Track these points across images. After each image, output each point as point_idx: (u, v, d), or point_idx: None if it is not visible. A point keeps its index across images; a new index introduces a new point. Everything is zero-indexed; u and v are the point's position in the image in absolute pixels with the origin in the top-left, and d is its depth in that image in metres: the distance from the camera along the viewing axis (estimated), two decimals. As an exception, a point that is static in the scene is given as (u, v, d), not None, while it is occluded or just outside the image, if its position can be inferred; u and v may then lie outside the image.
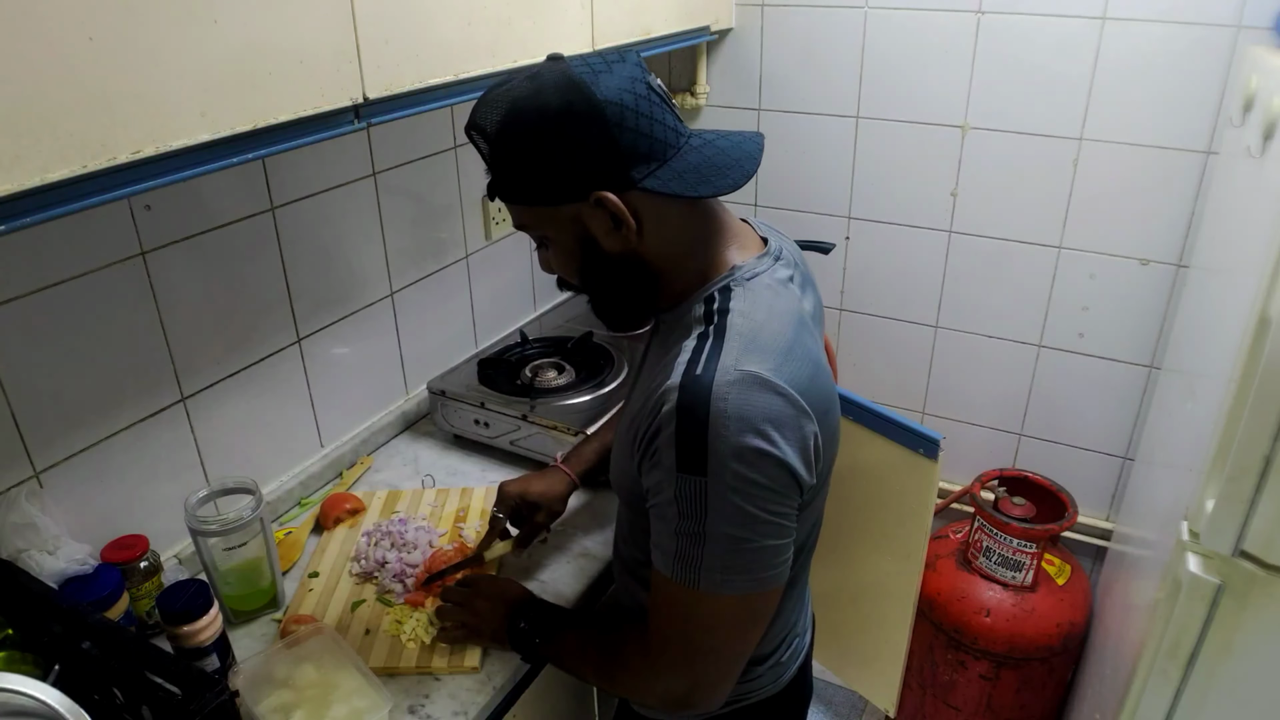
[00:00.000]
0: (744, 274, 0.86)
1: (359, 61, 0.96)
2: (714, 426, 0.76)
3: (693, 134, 0.86)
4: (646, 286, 0.90)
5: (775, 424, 0.77)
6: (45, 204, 0.71)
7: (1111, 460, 1.91)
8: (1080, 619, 1.80)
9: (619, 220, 0.83)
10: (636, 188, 0.81)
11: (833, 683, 2.24)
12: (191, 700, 0.81)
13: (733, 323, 0.82)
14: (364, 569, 1.26)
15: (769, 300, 0.85)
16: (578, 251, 0.87)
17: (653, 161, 0.81)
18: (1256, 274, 0.99)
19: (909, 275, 1.97)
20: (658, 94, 0.83)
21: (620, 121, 0.79)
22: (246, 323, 1.32)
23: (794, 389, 0.79)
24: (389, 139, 1.49)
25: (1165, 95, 1.60)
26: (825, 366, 0.87)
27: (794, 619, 1.05)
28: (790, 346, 0.82)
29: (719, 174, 0.83)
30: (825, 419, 0.84)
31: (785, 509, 0.81)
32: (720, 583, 0.81)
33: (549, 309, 2.00)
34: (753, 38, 1.93)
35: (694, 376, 0.78)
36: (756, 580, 0.82)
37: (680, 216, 0.86)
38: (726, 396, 0.76)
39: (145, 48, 0.74)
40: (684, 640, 0.86)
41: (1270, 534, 1.00)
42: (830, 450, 0.89)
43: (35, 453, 1.08)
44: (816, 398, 0.82)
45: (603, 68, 0.81)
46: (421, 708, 1.06)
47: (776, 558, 0.82)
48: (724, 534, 0.79)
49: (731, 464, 0.76)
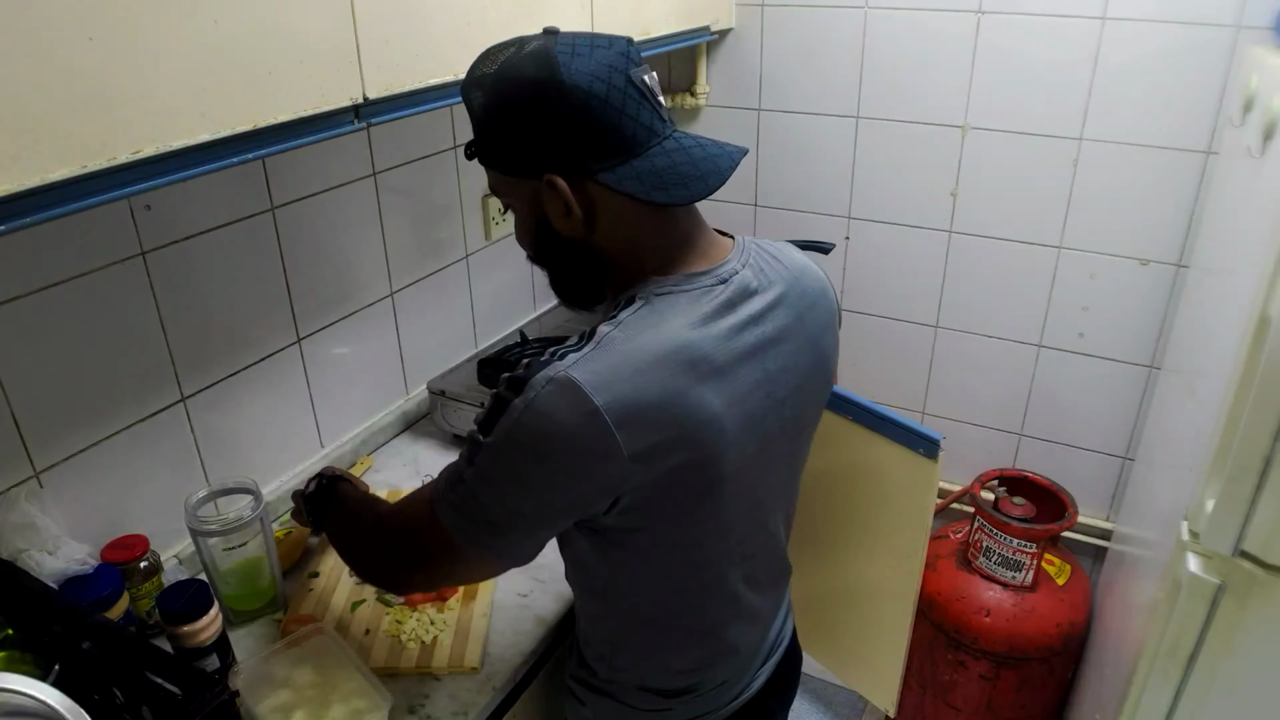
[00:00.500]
0: (656, 289, 0.83)
1: (359, 61, 0.96)
2: (512, 408, 0.77)
3: (671, 136, 0.83)
4: (595, 275, 0.89)
5: (560, 436, 0.76)
6: (45, 204, 0.71)
7: (1111, 460, 1.91)
8: (1080, 619, 1.80)
9: (568, 206, 0.82)
10: (592, 179, 0.80)
11: (833, 683, 2.24)
12: (191, 700, 0.81)
13: (603, 330, 0.80)
14: (364, 569, 1.26)
15: (657, 320, 0.81)
16: (533, 226, 0.88)
17: (614, 156, 0.79)
18: (1256, 274, 0.99)
19: (909, 275, 1.97)
20: (638, 88, 0.80)
21: (585, 108, 0.77)
22: (246, 323, 1.32)
23: (610, 409, 0.75)
24: (389, 139, 1.49)
25: (1165, 95, 1.60)
26: (695, 405, 0.80)
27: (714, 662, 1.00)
28: (640, 369, 0.77)
29: (681, 183, 0.80)
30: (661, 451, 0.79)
31: (534, 510, 0.82)
32: (451, 521, 0.84)
33: (549, 309, 2.00)
34: (753, 38, 1.93)
35: (539, 361, 0.79)
36: (476, 542, 0.84)
37: (639, 218, 0.84)
38: (538, 389, 0.76)
39: (145, 48, 0.74)
40: (403, 534, 0.91)
41: (1270, 534, 1.00)
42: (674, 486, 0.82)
43: (35, 453, 1.08)
44: (647, 426, 0.77)
45: (584, 50, 0.79)
46: (421, 708, 1.06)
47: (502, 541, 0.84)
48: (473, 491, 0.82)
49: (506, 447, 0.79)
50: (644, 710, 1.00)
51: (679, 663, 0.99)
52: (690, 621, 0.96)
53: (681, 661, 0.99)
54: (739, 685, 1.05)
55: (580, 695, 1.05)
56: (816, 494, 1.56)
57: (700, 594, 0.95)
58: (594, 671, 1.02)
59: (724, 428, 0.83)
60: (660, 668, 0.99)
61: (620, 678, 1.00)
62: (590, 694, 1.03)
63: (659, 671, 0.99)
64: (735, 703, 1.04)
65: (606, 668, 1.00)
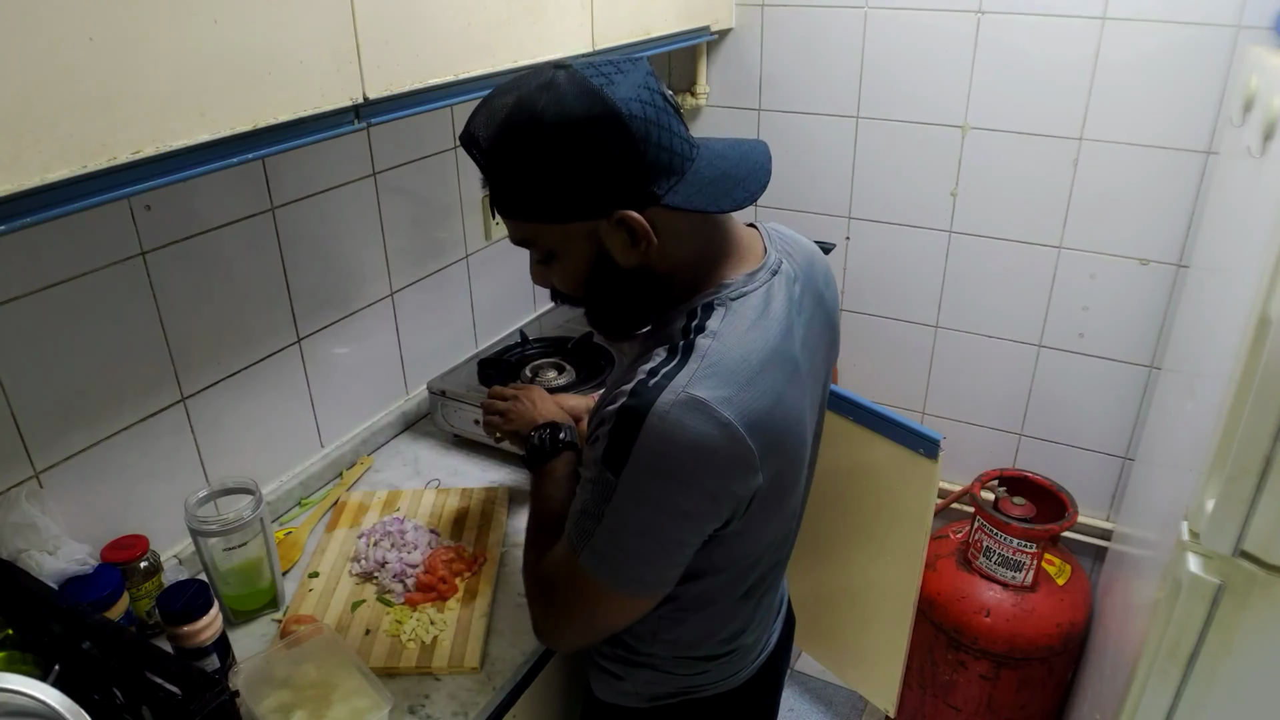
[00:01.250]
0: (730, 293, 0.84)
1: (359, 61, 0.96)
2: (642, 438, 0.77)
3: (700, 145, 0.84)
4: (651, 297, 0.88)
5: (704, 454, 0.77)
6: (45, 204, 0.71)
7: (1111, 460, 1.91)
8: (1080, 619, 1.80)
9: (637, 237, 0.80)
10: (659, 203, 0.78)
11: (833, 683, 2.24)
12: (191, 700, 0.81)
13: (700, 343, 0.80)
14: (364, 569, 1.26)
15: (746, 326, 0.82)
16: (587, 267, 0.85)
17: (673, 175, 0.79)
18: (1256, 274, 0.99)
19: (909, 275, 1.97)
20: (669, 102, 0.80)
21: (645, 134, 0.76)
22: (246, 323, 1.32)
23: (740, 422, 0.77)
24: (389, 139, 1.49)
25: (1165, 95, 1.60)
26: (793, 405, 0.84)
27: (747, 628, 1.04)
28: (752, 377, 0.79)
29: (737, 186, 0.81)
30: (777, 449, 0.82)
31: (681, 535, 0.82)
32: (593, 565, 0.84)
33: (549, 309, 2.00)
34: (753, 38, 1.93)
35: (647, 386, 0.78)
36: (623, 584, 0.85)
37: (692, 229, 0.84)
38: (665, 415, 0.76)
39: (145, 48, 0.74)
40: (554, 584, 0.90)
41: (1270, 534, 1.00)
42: (784, 478, 0.87)
43: (35, 453, 1.08)
44: (767, 432, 0.80)
45: (614, 73, 0.76)
46: (421, 708, 1.06)
47: (651, 574, 0.84)
48: (614, 530, 0.82)
49: (644, 480, 0.78)
50: (682, 675, 1.03)
51: (722, 633, 1.01)
52: (742, 598, 0.99)
53: (725, 631, 1.02)
54: (762, 642, 1.09)
55: (615, 670, 1.06)
56: (817, 494, 1.56)
57: (758, 574, 0.98)
58: (634, 648, 1.03)
59: (806, 423, 0.88)
60: (706, 637, 1.01)
61: (662, 650, 1.01)
62: (628, 667, 1.04)
63: (704, 641, 1.01)
64: (760, 659, 1.09)
65: (649, 641, 1.01)
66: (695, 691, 1.04)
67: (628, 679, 1.05)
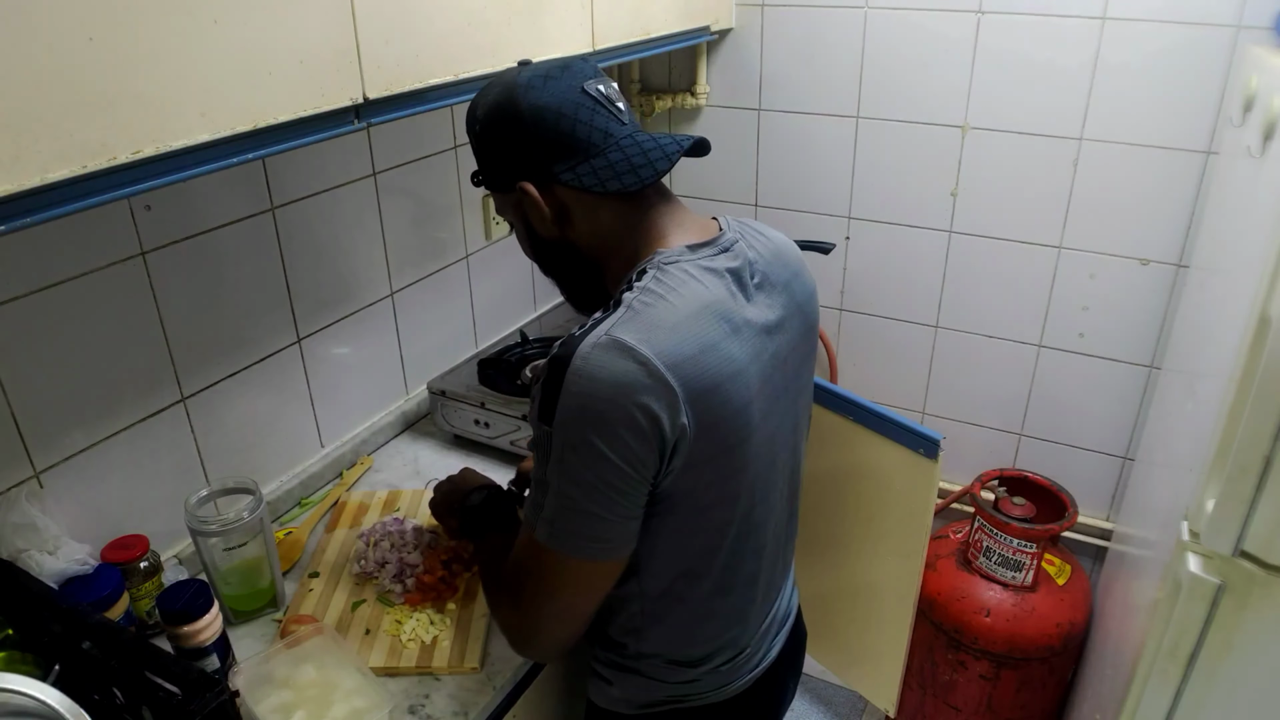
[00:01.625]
0: (663, 258, 0.89)
1: (359, 61, 0.96)
2: (566, 382, 0.80)
3: (627, 135, 0.90)
4: (587, 273, 0.96)
5: (627, 388, 0.79)
6: (45, 204, 0.71)
7: (1111, 460, 1.91)
8: (1080, 619, 1.80)
9: (541, 209, 0.91)
10: (556, 181, 0.89)
11: (833, 683, 2.24)
12: (191, 700, 0.81)
13: (625, 297, 0.85)
14: (364, 569, 1.26)
15: (675, 284, 0.86)
16: (524, 234, 0.98)
17: (574, 159, 0.88)
18: (1256, 274, 0.99)
19: (909, 275, 1.97)
20: (593, 98, 0.89)
21: (540, 122, 0.88)
22: (247, 323, 1.32)
23: (659, 359, 0.80)
24: (389, 139, 1.49)
25: (1165, 95, 1.60)
26: (727, 356, 0.86)
27: (735, 629, 1.03)
28: (676, 324, 0.83)
29: (631, 172, 0.88)
30: (705, 396, 0.84)
31: (622, 480, 0.82)
32: (549, 535, 0.85)
33: (549, 309, 2.00)
34: (753, 38, 1.93)
35: (573, 336, 0.83)
36: (580, 546, 0.85)
37: (610, 210, 0.91)
38: (587, 356, 0.80)
39: (145, 48, 0.74)
40: (519, 579, 0.91)
41: (1270, 534, 1.00)
42: (720, 434, 0.87)
43: (35, 453, 1.08)
44: (691, 376, 0.82)
45: (543, 74, 0.89)
46: (421, 708, 1.06)
47: (603, 529, 0.85)
48: (558, 489, 0.83)
49: (574, 421, 0.81)
50: (671, 683, 1.02)
51: (704, 632, 1.01)
52: (713, 585, 0.98)
53: (706, 629, 1.01)
54: (758, 654, 1.08)
55: (607, 676, 1.06)
56: (817, 494, 1.57)
57: (723, 556, 0.97)
58: (622, 648, 1.02)
59: (749, 380, 0.89)
60: (687, 638, 1.01)
61: (648, 652, 1.01)
62: (618, 673, 1.04)
63: (685, 643, 1.01)
64: (755, 671, 1.08)
65: (635, 641, 1.01)
66: (685, 700, 1.03)
67: (617, 685, 1.04)
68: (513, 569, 0.93)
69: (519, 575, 0.91)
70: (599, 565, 0.88)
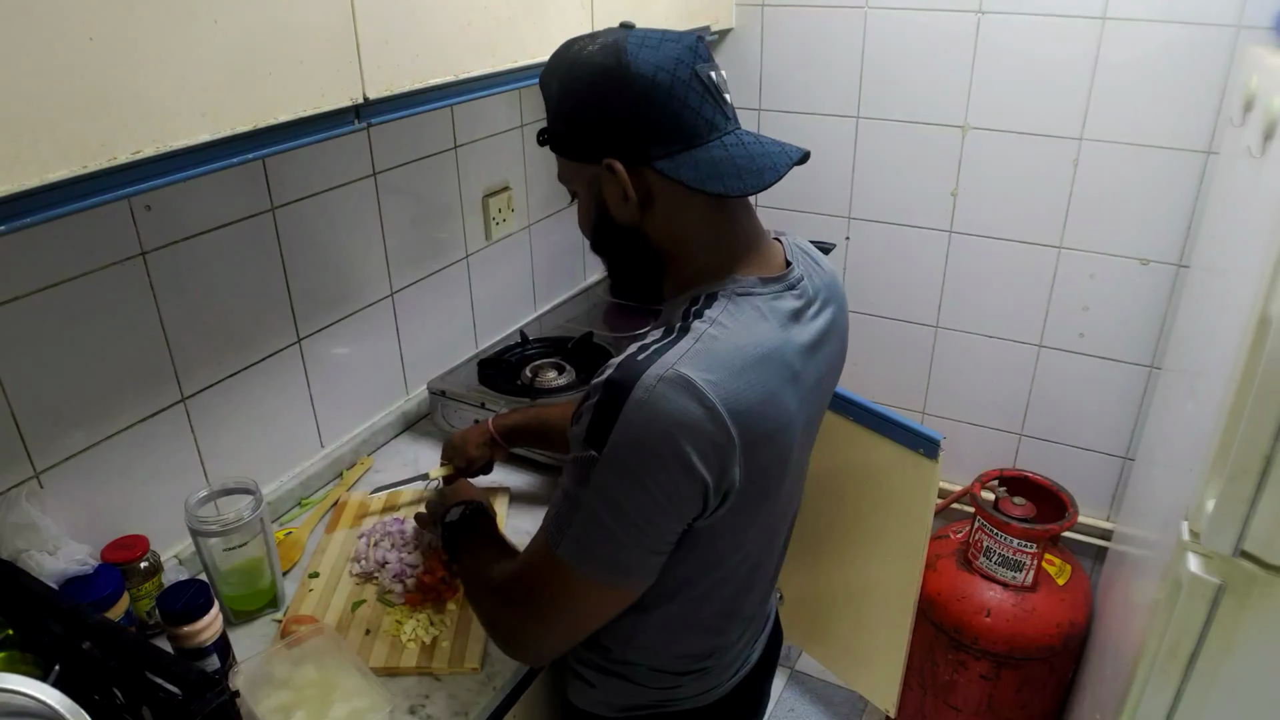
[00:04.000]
0: (737, 288, 0.85)
1: (359, 61, 0.96)
2: (625, 412, 0.76)
3: (733, 132, 0.84)
4: (650, 266, 0.90)
5: (688, 431, 0.76)
6: (45, 204, 0.71)
7: (1112, 460, 1.91)
8: (1080, 619, 1.80)
9: (626, 192, 0.84)
10: (649, 165, 0.82)
11: (833, 683, 2.24)
12: (192, 700, 0.81)
13: (697, 327, 0.81)
14: (364, 569, 1.26)
15: (748, 322, 0.83)
16: (593, 212, 0.90)
17: (673, 144, 0.81)
18: (1256, 274, 0.99)
19: (909, 275, 1.97)
20: (703, 82, 0.82)
21: (648, 96, 0.80)
22: (246, 323, 1.32)
23: (725, 408, 0.77)
24: (389, 139, 1.49)
25: (1165, 95, 1.60)
26: (783, 407, 0.84)
27: (724, 646, 1.02)
28: (744, 368, 0.79)
29: (735, 175, 0.81)
30: (760, 445, 0.81)
31: (660, 518, 0.80)
32: (571, 553, 0.82)
33: (549, 309, 2.00)
34: (753, 38, 1.93)
35: (635, 360, 0.78)
36: (603, 571, 0.83)
37: (697, 211, 0.86)
38: (650, 388, 0.76)
39: (145, 48, 0.74)
40: (528, 587, 0.88)
41: (1270, 534, 1.00)
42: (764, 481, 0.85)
43: (35, 453, 1.08)
44: (751, 425, 0.79)
45: (654, 43, 0.81)
46: (421, 708, 1.06)
47: (631, 559, 0.82)
48: (593, 512, 0.80)
49: (625, 453, 0.77)
50: (654, 688, 1.01)
51: (698, 645, 1.00)
52: (719, 608, 0.98)
53: (700, 643, 1.00)
54: (740, 659, 1.07)
55: (589, 678, 1.04)
56: (817, 494, 1.57)
57: (736, 586, 0.97)
58: (607, 651, 1.01)
59: (795, 432, 0.87)
60: (678, 650, 1.00)
61: (633, 658, 1.00)
62: (601, 675, 1.03)
63: (676, 653, 1.00)
64: (737, 676, 1.07)
65: (621, 648, 1.00)
66: (667, 705, 1.02)
67: (600, 687, 1.03)
68: (520, 575, 0.90)
69: (527, 583, 0.89)
70: (614, 591, 0.85)
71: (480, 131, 1.68)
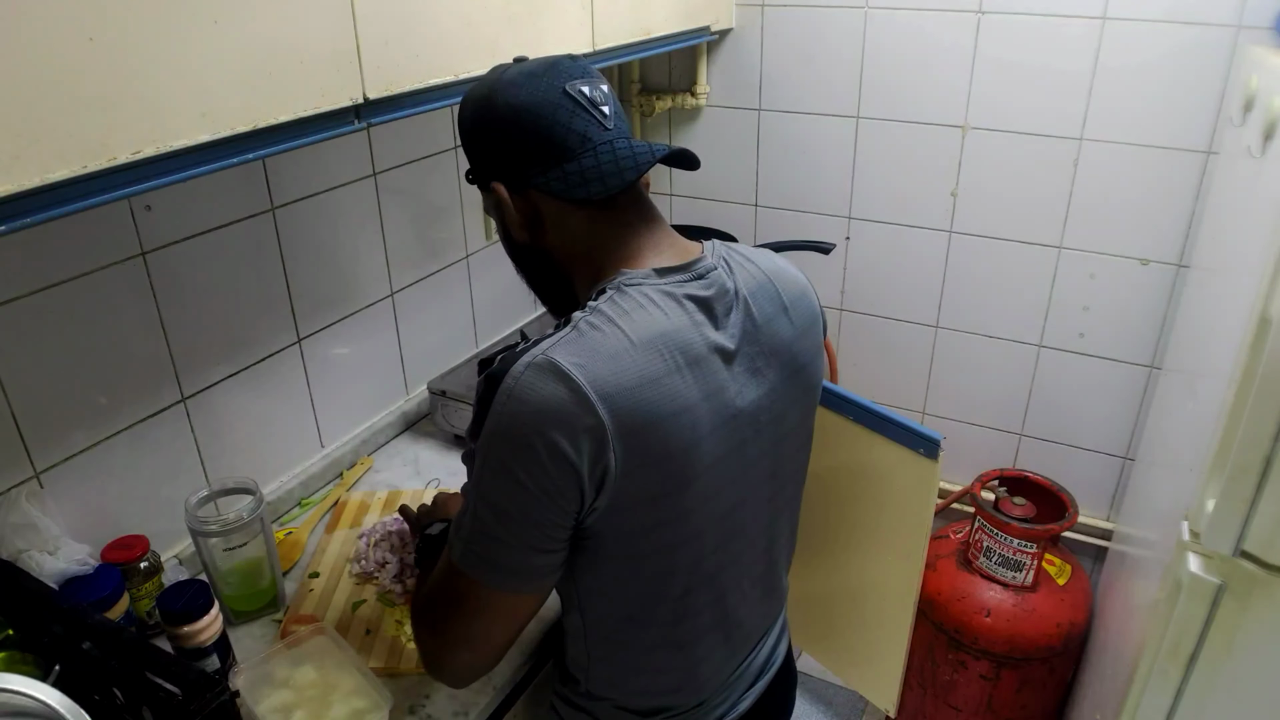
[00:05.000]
0: (625, 280, 0.84)
1: (359, 62, 0.96)
2: (495, 402, 0.78)
3: (606, 141, 0.85)
4: (559, 282, 0.93)
5: (552, 414, 0.75)
6: (45, 204, 0.71)
7: (1112, 460, 1.91)
8: (1081, 619, 1.80)
9: (514, 213, 0.88)
10: (531, 185, 0.87)
11: (833, 683, 2.24)
12: (192, 701, 0.81)
13: (576, 317, 0.81)
14: (364, 569, 1.26)
15: (630, 309, 0.81)
16: (504, 236, 0.95)
17: (547, 163, 0.85)
18: (1256, 274, 0.99)
19: (909, 275, 1.97)
20: (574, 99, 0.85)
21: (516, 123, 0.85)
22: (246, 323, 1.32)
23: (592, 388, 0.76)
24: (389, 139, 1.49)
25: (1165, 95, 1.60)
26: (670, 391, 0.80)
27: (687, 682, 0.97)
28: (617, 353, 0.78)
29: (599, 180, 0.84)
30: (638, 432, 0.78)
31: (537, 511, 0.78)
32: (461, 556, 0.82)
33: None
34: (753, 38, 1.93)
35: (513, 352, 0.80)
36: (491, 572, 0.81)
37: (582, 219, 0.88)
38: (519, 376, 0.77)
39: (145, 48, 0.74)
40: (434, 601, 0.88)
41: (1271, 534, 1.00)
42: (655, 476, 0.81)
43: (35, 453, 1.08)
44: (625, 409, 0.77)
45: (528, 73, 0.86)
46: (422, 708, 1.06)
47: (515, 558, 0.81)
48: (474, 509, 0.81)
49: (495, 444, 0.78)
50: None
51: (653, 682, 0.97)
52: (661, 635, 0.94)
53: (656, 681, 0.97)
54: (723, 706, 1.02)
55: (561, 712, 1.04)
56: (817, 494, 1.56)
57: (670, 606, 0.91)
58: (575, 683, 1.00)
59: (697, 420, 0.83)
60: (634, 686, 0.97)
61: (597, 692, 0.98)
62: (571, 710, 1.02)
63: (633, 690, 0.97)
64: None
65: (584, 679, 0.98)
66: None
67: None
68: (430, 591, 0.89)
69: (434, 597, 0.87)
70: (510, 596, 0.83)
71: (480, 131, 1.68)
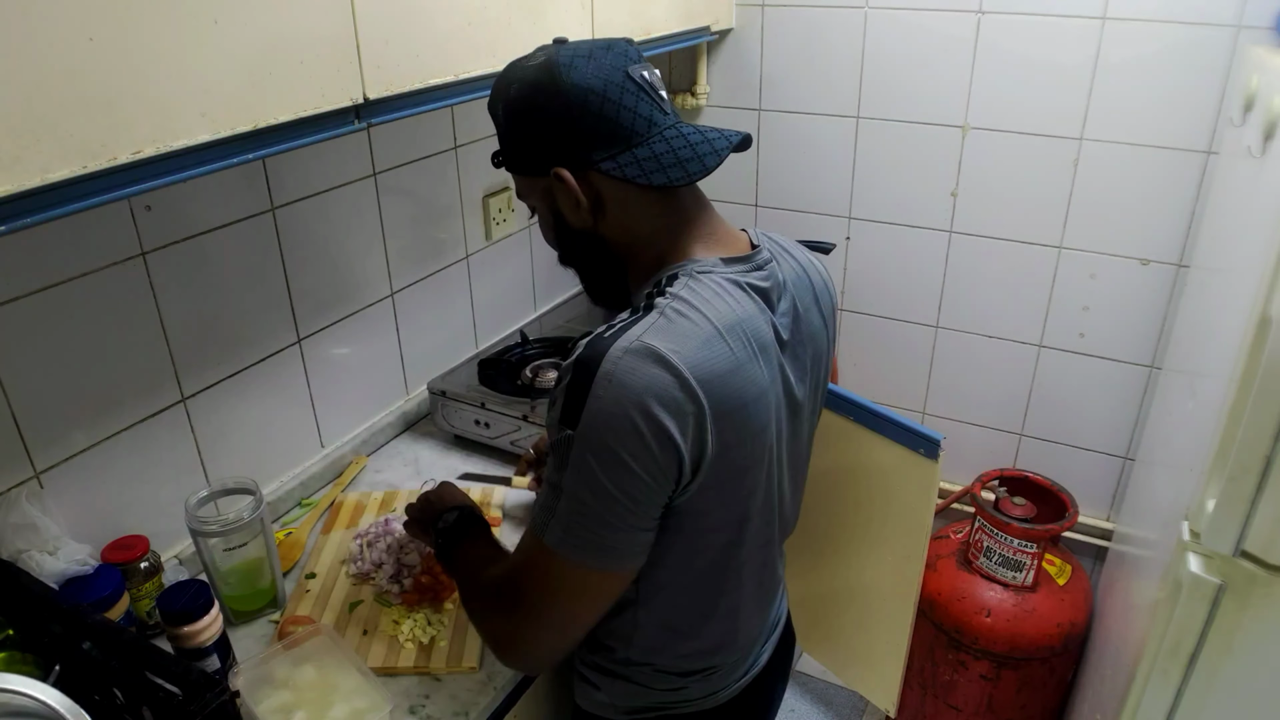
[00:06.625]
0: (697, 267, 0.86)
1: (359, 62, 0.96)
2: (595, 386, 0.77)
3: (671, 126, 0.87)
4: (613, 268, 0.93)
5: (657, 398, 0.77)
6: (45, 204, 0.71)
7: (1112, 460, 1.91)
8: (1081, 619, 1.80)
9: (577, 198, 0.87)
10: (595, 169, 0.85)
11: (833, 683, 2.24)
12: (192, 701, 0.81)
13: (660, 304, 0.83)
14: (360, 570, 1.26)
15: (709, 297, 0.84)
16: (552, 223, 0.94)
17: (613, 146, 0.85)
18: (1256, 274, 0.99)
19: (909, 275, 1.97)
20: (637, 83, 0.85)
21: (583, 104, 0.83)
22: (247, 323, 1.32)
23: (691, 373, 0.78)
24: (389, 139, 1.49)
25: (1165, 95, 1.60)
26: (753, 379, 0.85)
27: (725, 642, 1.01)
28: (707, 340, 0.81)
29: (677, 164, 0.84)
30: (731, 416, 0.82)
31: (643, 492, 0.80)
32: (559, 540, 0.82)
33: (549, 309, 2.00)
34: (753, 38, 1.93)
35: (601, 338, 0.80)
36: (591, 553, 0.82)
37: (646, 205, 0.88)
38: (617, 360, 0.77)
39: (145, 48, 0.74)
40: (518, 585, 0.88)
41: (1271, 534, 0.99)
42: (737, 455, 0.85)
43: (35, 453, 1.08)
44: (720, 395, 0.80)
45: (584, 53, 0.85)
46: (421, 708, 1.06)
47: (617, 539, 0.82)
48: (574, 493, 0.80)
49: (600, 428, 0.78)
50: (659, 690, 1.01)
51: (698, 644, 1.00)
52: (713, 604, 0.97)
53: (700, 642, 1.00)
54: (748, 662, 1.07)
55: (593, 680, 1.04)
56: (817, 494, 1.56)
57: (727, 576, 0.96)
58: (611, 651, 1.00)
59: (769, 405, 0.88)
60: (680, 650, 0.99)
61: (638, 659, 1.00)
62: (604, 677, 1.03)
63: (679, 654, 1.00)
64: (744, 679, 1.06)
65: (623, 647, 0.99)
66: (673, 708, 1.02)
67: (604, 689, 1.03)
68: (510, 574, 0.89)
69: (518, 581, 0.88)
70: (607, 576, 0.85)
71: (480, 131, 1.68)
